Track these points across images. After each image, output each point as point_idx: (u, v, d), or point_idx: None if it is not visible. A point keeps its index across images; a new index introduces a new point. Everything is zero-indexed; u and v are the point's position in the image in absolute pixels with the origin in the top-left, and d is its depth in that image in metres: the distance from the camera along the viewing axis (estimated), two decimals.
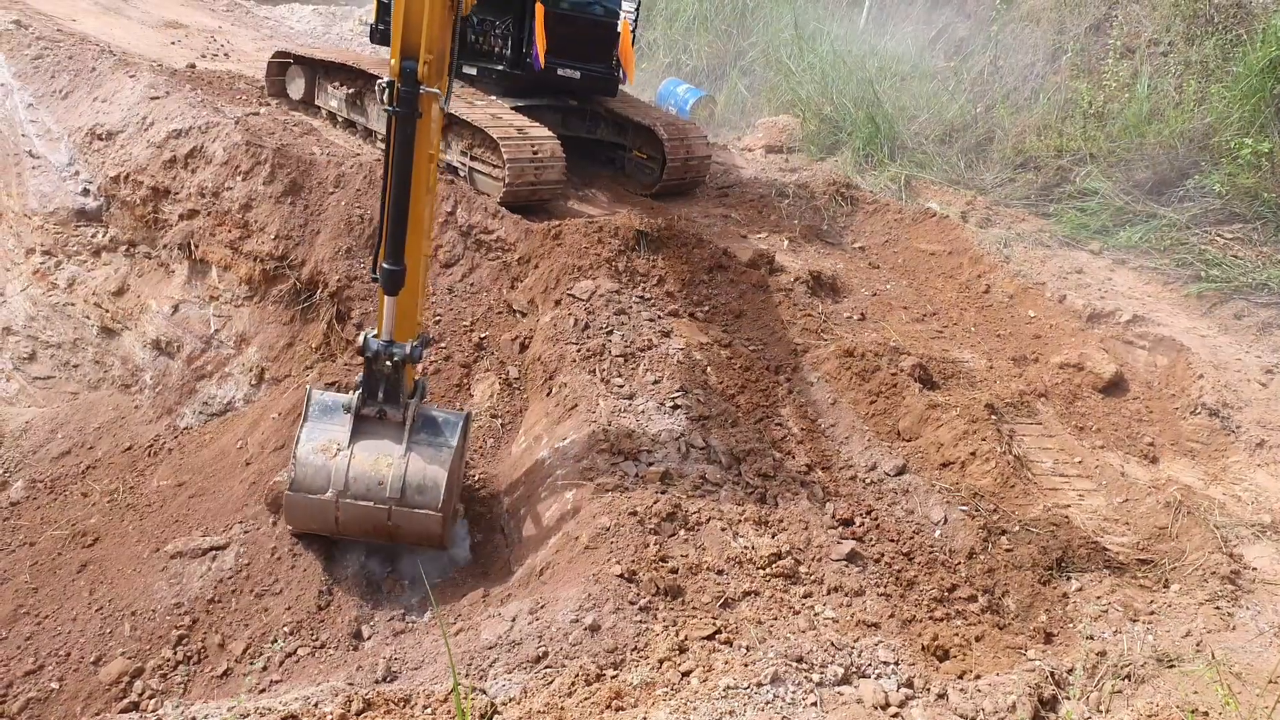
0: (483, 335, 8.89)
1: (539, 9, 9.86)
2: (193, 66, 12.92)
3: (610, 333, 8.25)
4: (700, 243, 9.85)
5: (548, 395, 7.93)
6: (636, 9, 11.14)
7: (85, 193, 11.04)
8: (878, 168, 13.07)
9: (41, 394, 11.24)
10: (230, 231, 9.96)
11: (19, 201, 11.47)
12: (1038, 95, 13.07)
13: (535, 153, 9.63)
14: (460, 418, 6.96)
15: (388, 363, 6.48)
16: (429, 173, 6.31)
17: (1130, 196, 11.10)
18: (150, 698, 6.77)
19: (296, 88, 12.08)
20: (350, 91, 11.32)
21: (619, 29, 10.86)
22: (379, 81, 6.09)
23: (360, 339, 6.51)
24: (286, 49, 12.71)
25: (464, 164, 10.11)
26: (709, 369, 8.20)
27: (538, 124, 10.06)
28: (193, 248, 10.23)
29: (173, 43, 14.65)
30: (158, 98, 10.96)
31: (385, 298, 6.35)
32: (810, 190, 12.10)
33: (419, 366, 6.90)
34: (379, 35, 10.92)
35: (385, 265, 6.21)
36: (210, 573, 7.45)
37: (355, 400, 6.66)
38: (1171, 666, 5.69)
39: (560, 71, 10.63)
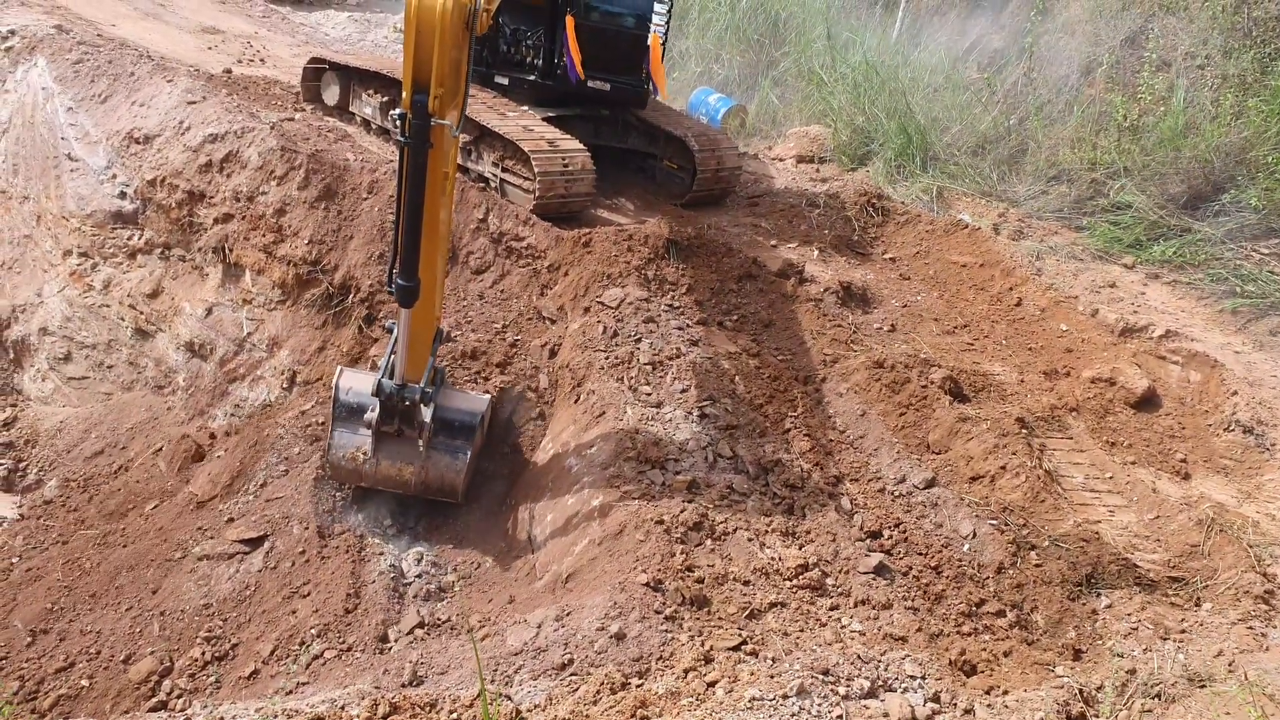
0: (515, 338, 8.94)
1: (569, 21, 9.89)
2: (229, 72, 13.05)
3: (639, 341, 8.26)
4: (730, 252, 9.85)
5: (575, 402, 7.95)
6: (666, 22, 11.14)
7: (122, 195, 11.18)
8: (909, 179, 13.02)
9: (76, 394, 11.38)
10: (264, 236, 10.05)
11: (57, 204, 11.63)
12: (1072, 107, 12.98)
13: (566, 166, 9.67)
14: (477, 415, 7.50)
15: (403, 404, 7.08)
16: (444, 189, 6.47)
17: (1165, 210, 11.00)
18: (179, 697, 6.83)
19: (331, 94, 12.17)
20: (384, 99, 11.39)
21: (648, 41, 10.87)
22: (392, 113, 6.22)
23: (374, 383, 7.02)
24: (322, 55, 12.82)
25: (495, 175, 10.16)
26: (737, 378, 8.20)
27: (569, 136, 10.08)
28: (227, 251, 10.33)
29: (210, 48, 14.81)
30: (194, 102, 11.08)
31: (400, 327, 6.71)
32: (841, 200, 12.07)
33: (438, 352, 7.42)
34: None
35: (399, 281, 6.38)
36: (238, 574, 7.51)
37: (374, 419, 7.16)
38: (1203, 686, 5.63)
39: (591, 83, 10.66)
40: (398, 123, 5.92)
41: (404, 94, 5.81)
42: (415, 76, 5.79)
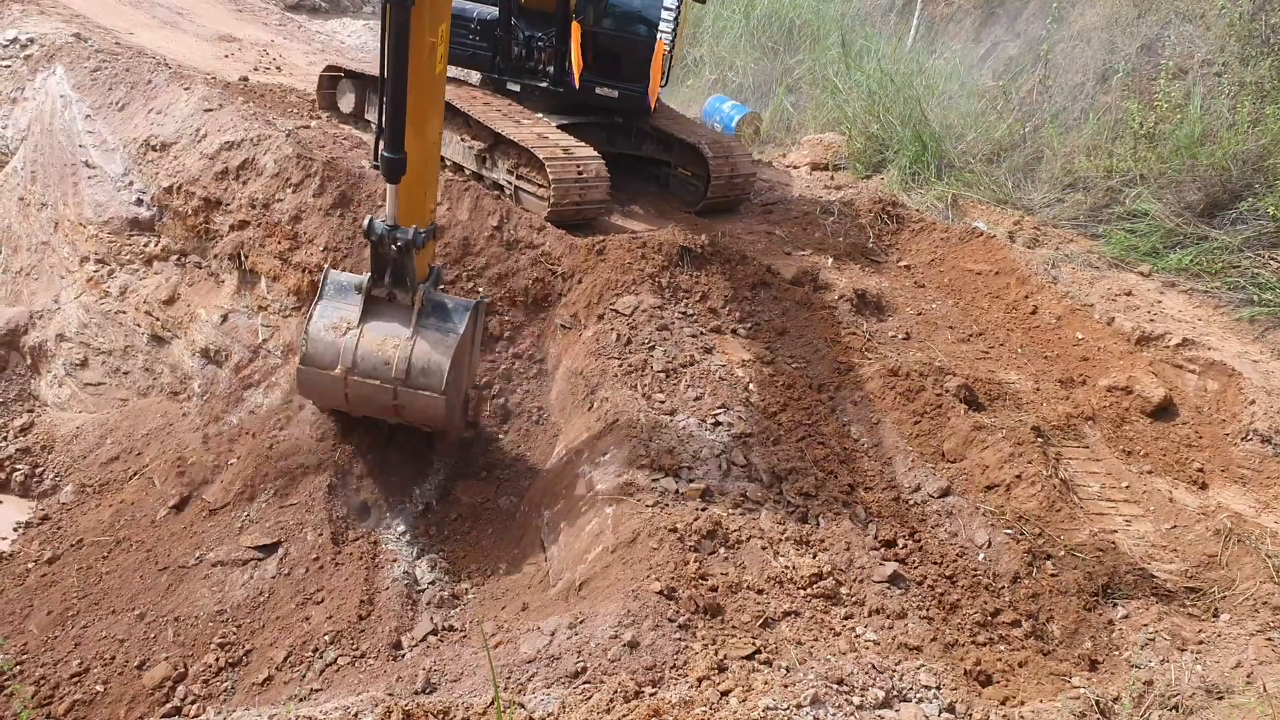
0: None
1: (575, 28, 9.91)
2: (245, 79, 13.12)
3: (652, 348, 8.25)
4: (744, 259, 9.84)
5: (589, 409, 7.95)
6: (673, 31, 11.16)
7: (139, 202, 11.23)
8: (924, 186, 12.99)
9: (92, 400, 11.42)
10: (279, 243, 10.08)
11: (75, 210, 11.69)
12: (1087, 115, 12.93)
13: (580, 173, 9.68)
14: (470, 305, 7.20)
15: (393, 246, 6.68)
16: (430, 62, 6.42)
17: (1181, 218, 10.94)
18: (192, 703, 6.84)
19: (347, 101, 12.22)
20: None
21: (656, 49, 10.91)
22: None
23: (365, 222, 6.69)
24: (337, 63, 12.88)
25: (510, 182, 10.18)
26: (751, 386, 8.18)
27: (583, 144, 10.10)
28: (242, 258, 10.36)
29: (226, 56, 14.89)
30: (211, 110, 11.13)
31: (389, 199, 6.56)
32: (856, 208, 12.05)
33: (434, 255, 7.27)
34: None
35: (385, 154, 6.34)
36: (252, 581, 7.53)
37: (366, 282, 6.93)
38: (1221, 698, 5.58)
39: (599, 90, 10.68)
40: None
41: None
42: None
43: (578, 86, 10.16)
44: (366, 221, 6.68)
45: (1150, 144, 11.66)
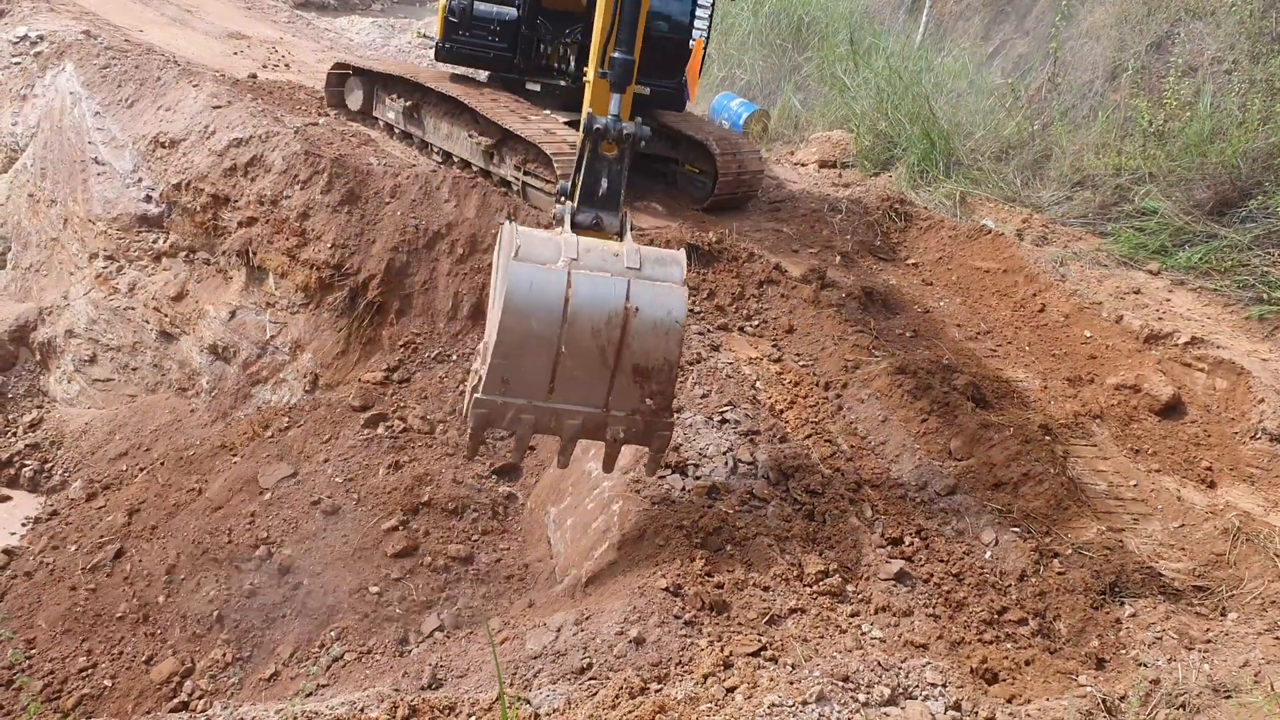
0: None
1: None
2: (254, 77, 13.15)
3: None
4: (751, 257, 9.83)
5: None
6: (708, 28, 11.19)
7: (148, 199, 11.27)
8: (932, 184, 12.96)
9: (101, 396, 11.47)
10: (288, 239, 10.10)
11: (84, 207, 11.73)
12: (1096, 113, 12.89)
13: None
14: (680, 252, 5.97)
15: (614, 146, 5.82)
16: None
17: (1190, 216, 10.90)
18: (200, 698, 6.87)
19: (355, 99, 12.25)
20: (408, 103, 11.45)
21: (690, 45, 10.92)
22: None
23: (583, 118, 5.80)
24: (345, 60, 12.90)
25: (517, 178, 10.18)
26: (758, 383, 8.18)
27: None
28: (251, 255, 10.40)
29: (235, 53, 14.93)
30: (220, 107, 11.17)
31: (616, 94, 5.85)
32: (864, 206, 12.04)
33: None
34: (445, 53, 10.98)
35: (617, 55, 5.81)
36: (259, 576, 7.55)
37: (569, 207, 5.95)
38: (1228, 697, 5.56)
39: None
40: None
41: None
42: None
43: None
44: (586, 122, 5.77)
45: (1159, 142, 11.62)
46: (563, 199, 6.17)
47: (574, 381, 5.58)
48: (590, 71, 6.19)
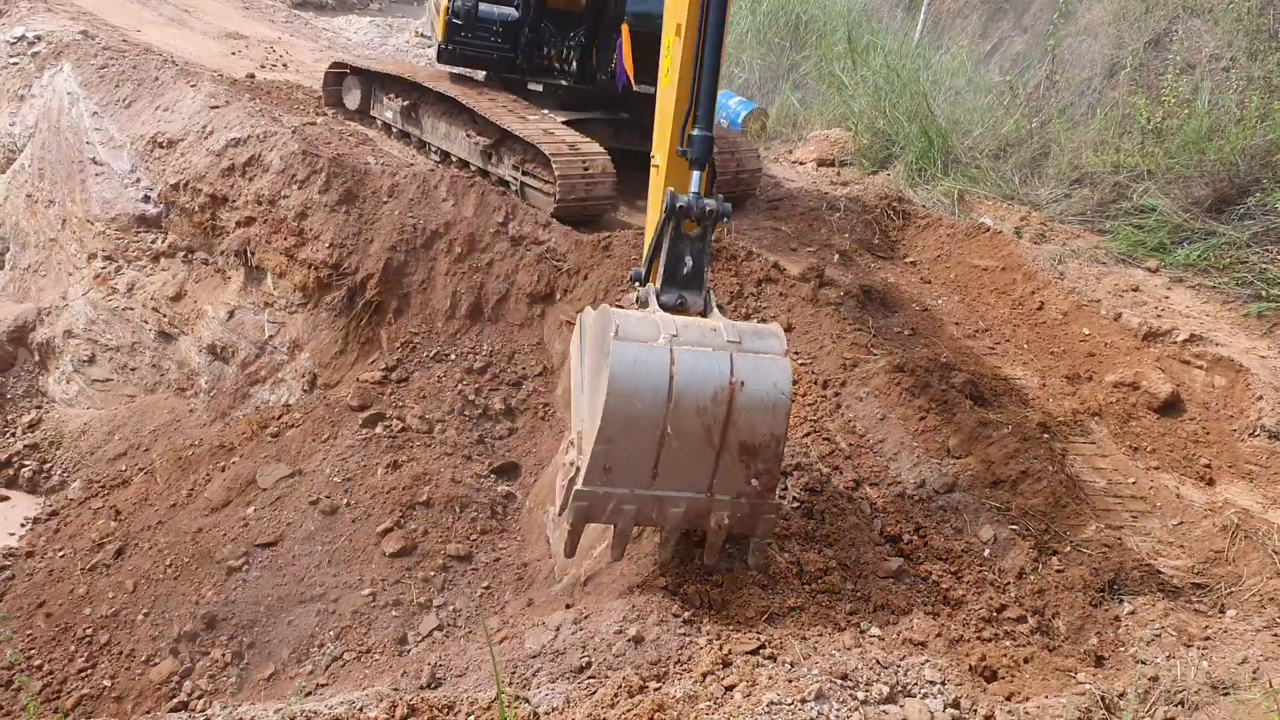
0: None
1: (624, 30, 9.90)
2: (252, 76, 13.14)
3: None
4: (750, 255, 9.82)
5: None
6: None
7: (146, 199, 11.27)
8: (930, 182, 12.96)
9: (100, 396, 11.47)
10: (286, 239, 10.10)
11: (82, 207, 11.73)
12: (1095, 110, 12.89)
13: (586, 168, 9.69)
14: (778, 328, 5.73)
15: (696, 224, 5.66)
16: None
17: (1189, 214, 10.90)
18: (199, 698, 6.87)
19: (353, 98, 12.24)
20: (405, 103, 11.44)
21: None
22: None
23: (667, 201, 5.64)
24: (343, 60, 12.89)
25: (516, 178, 10.18)
26: None
27: (589, 139, 10.10)
28: (249, 255, 10.40)
29: (233, 53, 14.92)
30: (218, 107, 11.16)
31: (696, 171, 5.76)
32: (862, 204, 12.03)
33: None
34: (447, 55, 10.96)
35: (696, 133, 5.76)
36: (258, 576, 7.55)
37: (651, 289, 5.73)
38: (1227, 694, 5.56)
39: (637, 87, 10.69)
40: None
41: None
42: None
43: (634, 86, 10.12)
44: (669, 201, 5.64)
45: (1158, 139, 11.62)
46: (636, 283, 6.00)
47: (678, 465, 5.30)
48: (663, 153, 6.10)
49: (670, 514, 5.45)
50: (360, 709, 5.03)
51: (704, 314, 5.71)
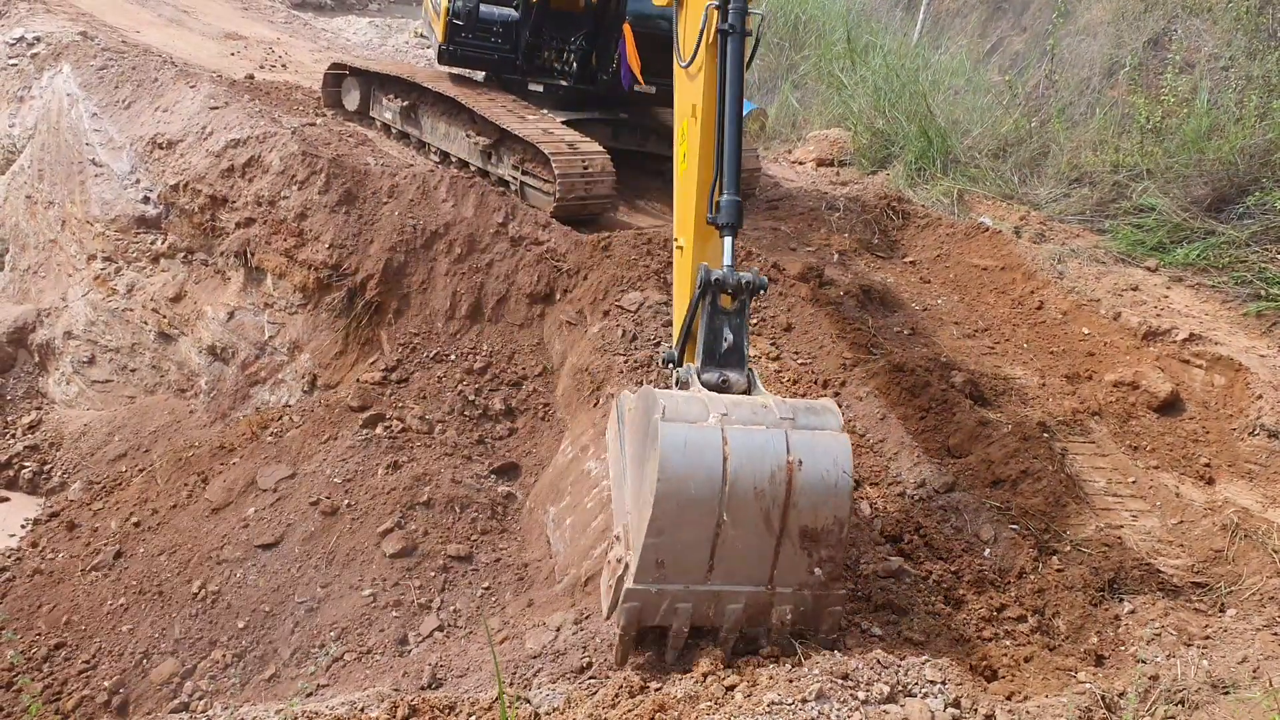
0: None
1: (627, 30, 9.90)
2: (251, 77, 13.14)
3: (658, 344, 8.26)
4: (749, 255, 9.83)
5: (594, 406, 7.95)
6: None
7: (145, 200, 11.26)
8: (930, 182, 12.97)
9: (100, 397, 11.47)
10: (285, 240, 10.10)
11: (82, 209, 11.73)
12: (1094, 110, 12.90)
13: (586, 167, 9.69)
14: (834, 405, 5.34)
15: (732, 298, 5.36)
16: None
17: (1188, 213, 10.91)
18: (200, 698, 6.88)
19: (352, 99, 12.24)
20: (405, 104, 11.44)
21: None
22: (710, 4, 5.90)
23: (701, 277, 5.33)
24: (342, 60, 12.89)
25: (515, 178, 10.19)
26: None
27: (589, 139, 10.11)
28: (249, 255, 10.40)
29: (232, 54, 14.92)
30: (217, 108, 11.16)
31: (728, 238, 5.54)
32: (861, 204, 12.04)
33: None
34: (448, 56, 10.96)
35: (724, 198, 5.54)
36: (258, 576, 7.55)
37: (692, 368, 5.39)
38: (1227, 693, 5.57)
39: (636, 87, 10.69)
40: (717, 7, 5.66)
41: None
42: None
43: (642, 85, 10.10)
44: (703, 275, 5.29)
45: (1157, 138, 11.63)
46: (670, 365, 5.74)
47: (736, 555, 4.88)
48: (686, 233, 5.90)
49: (729, 611, 5.02)
50: (361, 709, 5.04)
51: (748, 392, 5.29)
